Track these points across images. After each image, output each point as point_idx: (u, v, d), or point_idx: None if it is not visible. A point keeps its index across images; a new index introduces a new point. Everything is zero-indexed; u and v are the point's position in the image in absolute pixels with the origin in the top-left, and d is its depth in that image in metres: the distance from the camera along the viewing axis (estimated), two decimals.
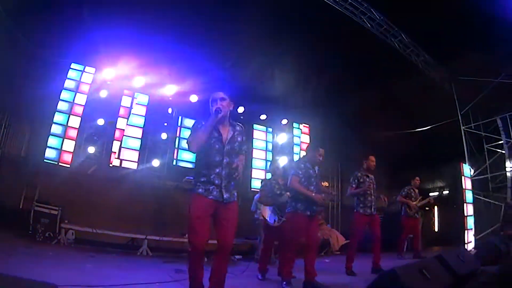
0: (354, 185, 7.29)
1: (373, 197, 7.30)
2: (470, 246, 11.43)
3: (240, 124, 4.20)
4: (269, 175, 8.09)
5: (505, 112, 12.34)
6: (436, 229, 19.94)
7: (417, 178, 10.50)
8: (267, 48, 10.95)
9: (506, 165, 12.38)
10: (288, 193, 6.84)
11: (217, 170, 3.83)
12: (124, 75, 11.04)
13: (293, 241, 5.60)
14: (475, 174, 12.93)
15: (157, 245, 8.52)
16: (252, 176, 13.94)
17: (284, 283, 5.45)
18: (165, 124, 12.43)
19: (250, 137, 14.24)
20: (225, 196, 3.82)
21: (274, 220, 6.53)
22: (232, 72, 10.67)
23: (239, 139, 4.06)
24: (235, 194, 3.98)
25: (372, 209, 7.20)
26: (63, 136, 10.46)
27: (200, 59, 10.56)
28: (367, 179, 7.29)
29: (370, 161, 7.45)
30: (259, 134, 14.91)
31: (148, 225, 10.55)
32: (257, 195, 9.24)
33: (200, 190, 3.79)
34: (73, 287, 3.86)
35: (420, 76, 12.72)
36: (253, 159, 14.26)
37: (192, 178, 6.71)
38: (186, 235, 8.79)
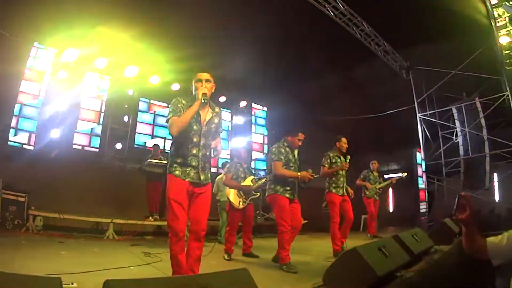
0: (326, 166, 7.21)
1: (344, 178, 7.31)
2: (423, 227, 11.92)
3: (218, 106, 4.14)
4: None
5: (460, 102, 12.94)
6: (391, 210, 20.70)
7: (375, 161, 10.78)
8: (228, 30, 10.98)
9: (460, 152, 12.99)
10: (251, 177, 7.06)
11: (194, 152, 3.79)
12: (86, 57, 10.79)
13: (283, 223, 5.54)
14: (429, 159, 13.43)
15: (122, 228, 8.47)
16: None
17: (284, 266, 5.35)
18: (126, 106, 12.27)
19: None
20: (201, 178, 3.79)
21: (239, 202, 6.72)
22: (192, 54, 10.56)
23: (216, 121, 4.00)
24: (209, 175, 3.94)
25: (344, 190, 7.21)
26: (27, 118, 10.25)
27: (161, 41, 10.46)
28: (339, 160, 7.29)
29: (342, 142, 7.45)
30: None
31: (112, 208, 10.49)
32: (219, 177, 9.39)
33: (176, 172, 3.73)
34: (57, 275, 3.88)
35: (379, 64, 13.08)
36: None
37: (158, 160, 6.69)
38: (150, 217, 8.92)
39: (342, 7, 9.96)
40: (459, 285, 5.32)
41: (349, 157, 7.29)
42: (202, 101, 3.75)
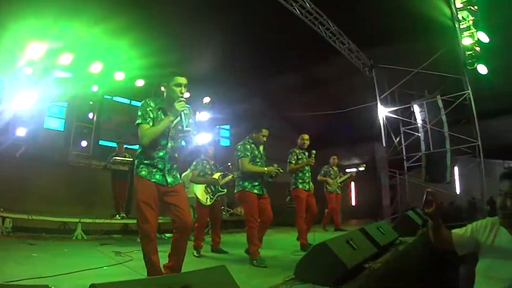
0: (293, 162, 7.37)
1: (310, 173, 7.53)
2: (386, 220, 12.27)
3: (188, 106, 3.94)
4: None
5: (422, 99, 13.33)
6: (353, 203, 21.16)
7: (335, 156, 10.97)
8: (193, 26, 10.93)
9: (421, 147, 13.39)
10: (218, 173, 7.11)
11: (161, 154, 3.75)
12: (50, 52, 10.50)
13: (251, 220, 5.58)
14: (391, 154, 13.78)
15: (90, 228, 8.35)
16: None
17: (254, 261, 5.40)
18: (90, 103, 12.07)
19: None
20: (169, 180, 3.75)
21: (206, 199, 6.76)
22: (156, 50, 10.47)
23: (185, 122, 3.76)
24: (179, 176, 3.91)
25: (310, 185, 7.42)
26: None
27: (127, 37, 10.32)
28: (304, 156, 7.45)
29: (303, 139, 7.61)
30: None
31: (79, 207, 10.34)
32: (185, 173, 9.39)
33: (142, 172, 3.68)
34: (32, 280, 3.81)
35: (344, 61, 13.29)
36: None
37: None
38: (117, 215, 8.83)
39: (309, 6, 10.07)
40: (424, 274, 5.55)
41: (314, 151, 7.44)
42: (181, 118, 3.66)
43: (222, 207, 11.37)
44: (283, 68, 14.45)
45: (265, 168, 5.69)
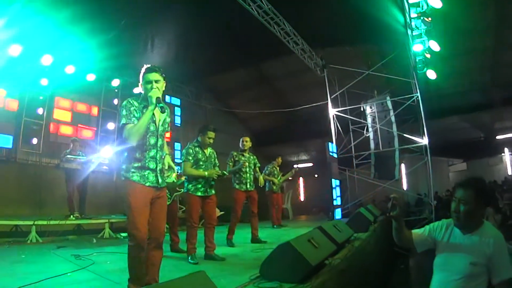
0: (231, 164, 7.69)
1: (249, 174, 7.80)
2: (336, 216, 12.63)
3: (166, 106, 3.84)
4: None
5: (372, 100, 13.82)
6: (302, 199, 21.59)
7: (279, 157, 11.18)
8: (146, 20, 10.84)
9: (371, 146, 13.87)
10: (175, 173, 7.14)
11: (152, 154, 3.64)
12: None
13: (190, 219, 5.81)
14: (340, 152, 14.18)
15: (43, 229, 8.08)
16: None
17: (189, 257, 5.64)
18: (41, 97, 11.64)
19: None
20: (160, 181, 3.67)
21: None
22: (110, 44, 10.29)
23: (168, 120, 3.89)
24: (164, 177, 3.80)
25: (248, 185, 7.68)
26: None
27: (79, 30, 10.06)
28: (243, 158, 7.71)
29: (243, 141, 7.82)
30: None
31: (31, 208, 10.09)
32: None
33: (135, 177, 3.53)
34: None
35: (296, 60, 13.55)
36: None
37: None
38: (71, 216, 8.61)
39: (266, 6, 10.19)
40: (378, 266, 5.84)
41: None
42: (158, 107, 3.57)
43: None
44: (234, 64, 14.55)
45: (206, 172, 5.84)
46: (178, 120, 16.13)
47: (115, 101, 13.65)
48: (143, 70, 3.72)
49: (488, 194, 2.97)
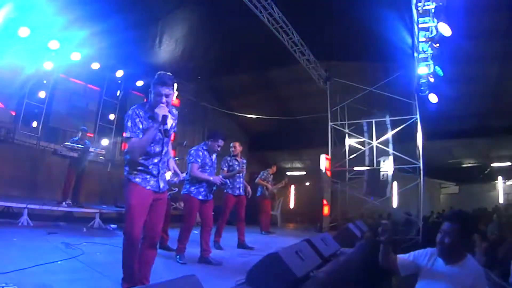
0: (225, 169, 7.76)
1: (241, 179, 7.96)
2: (325, 229, 12.73)
3: (175, 108, 3.95)
4: None
5: (371, 117, 13.93)
6: (292, 207, 21.63)
7: (275, 166, 11.38)
8: (157, 16, 10.87)
9: (365, 162, 13.98)
10: (170, 172, 7.20)
11: (156, 161, 3.70)
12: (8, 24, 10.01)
13: (188, 221, 5.86)
14: (335, 165, 14.27)
15: (35, 212, 8.09)
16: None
17: (178, 256, 5.71)
18: (44, 81, 11.66)
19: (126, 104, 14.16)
20: (161, 186, 3.73)
21: None
22: (114, 33, 10.29)
23: (173, 124, 3.91)
24: (166, 181, 3.91)
25: (240, 190, 7.86)
26: None
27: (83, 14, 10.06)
28: (236, 163, 7.82)
29: (234, 147, 7.96)
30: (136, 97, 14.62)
31: (23, 189, 10.11)
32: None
33: (137, 179, 3.59)
34: None
35: (300, 70, 13.68)
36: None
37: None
38: (64, 203, 8.64)
39: (277, 15, 10.30)
40: (362, 283, 5.94)
41: (245, 161, 7.91)
42: (162, 128, 3.62)
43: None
44: (238, 67, 14.62)
45: (211, 178, 5.91)
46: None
47: (117, 92, 13.72)
48: (156, 78, 3.67)
49: (473, 229, 3.12)
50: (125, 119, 3.62)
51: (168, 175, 6.94)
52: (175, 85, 3.77)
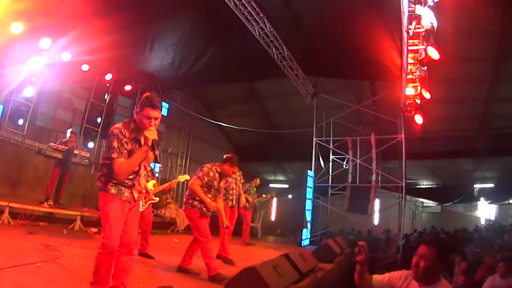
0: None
1: (235, 191, 8.07)
2: (304, 243, 12.78)
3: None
4: None
5: (356, 134, 14.08)
6: (273, 219, 21.66)
7: (258, 179, 11.49)
8: (149, 21, 10.85)
9: (348, 179, 14.08)
10: (153, 181, 7.21)
11: (131, 177, 3.74)
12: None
13: (205, 235, 5.66)
14: (318, 180, 14.33)
15: (16, 211, 7.96)
16: None
17: (216, 275, 5.50)
18: (34, 80, 11.54)
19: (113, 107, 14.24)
20: (135, 197, 3.80)
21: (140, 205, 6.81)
22: (105, 36, 10.24)
23: (151, 151, 3.76)
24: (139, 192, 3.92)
25: (233, 202, 8.01)
26: None
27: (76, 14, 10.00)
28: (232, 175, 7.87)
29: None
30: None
31: (4, 186, 10.06)
32: None
33: (112, 191, 3.61)
34: None
35: (287, 84, 13.82)
36: None
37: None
38: (45, 203, 8.57)
39: (268, 29, 10.38)
40: None
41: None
42: (151, 150, 3.65)
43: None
44: (227, 77, 14.63)
45: (208, 200, 5.72)
46: (163, 124, 16.17)
47: (105, 95, 13.69)
48: (146, 100, 3.71)
49: (448, 254, 3.21)
50: (109, 137, 3.62)
51: (150, 184, 7.01)
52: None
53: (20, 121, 11.11)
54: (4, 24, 9.67)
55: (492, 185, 20.75)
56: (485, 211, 22.34)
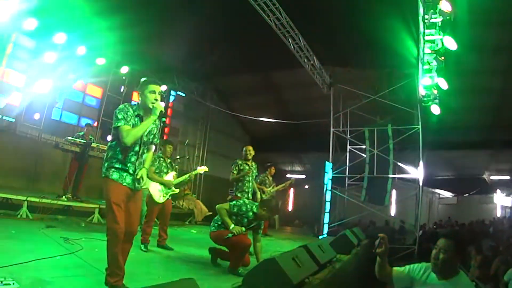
0: (235, 172, 7.83)
1: (251, 183, 8.00)
2: (323, 234, 12.77)
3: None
4: None
5: (373, 125, 13.97)
6: (290, 209, 21.66)
7: (273, 168, 11.32)
8: (164, 13, 10.86)
9: (365, 169, 14.00)
10: (173, 172, 7.27)
11: (133, 159, 3.90)
12: (14, 15, 9.95)
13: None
14: (335, 171, 14.29)
15: (34, 204, 8.02)
16: None
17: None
18: (49, 75, 11.61)
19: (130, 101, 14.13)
20: (136, 185, 3.93)
21: (159, 196, 6.86)
22: (120, 30, 10.25)
23: (155, 131, 4.13)
24: (142, 182, 4.04)
25: (249, 194, 7.89)
26: None
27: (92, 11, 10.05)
28: (247, 167, 7.87)
29: (247, 151, 7.99)
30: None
31: (23, 180, 10.19)
32: None
33: (114, 176, 3.80)
34: None
35: (304, 74, 13.68)
36: None
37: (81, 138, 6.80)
38: (63, 196, 8.66)
39: (284, 20, 10.31)
40: None
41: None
42: (159, 120, 4.00)
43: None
44: (244, 68, 14.65)
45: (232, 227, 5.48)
46: (180, 115, 16.24)
47: (121, 88, 13.75)
48: (143, 81, 4.04)
49: (466, 248, 3.20)
50: (115, 114, 3.87)
51: (170, 176, 7.06)
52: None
53: (37, 116, 11.19)
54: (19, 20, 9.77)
55: (508, 177, 20.51)
56: (501, 203, 22.05)
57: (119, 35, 10.47)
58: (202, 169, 7.84)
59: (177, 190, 7.30)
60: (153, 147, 4.25)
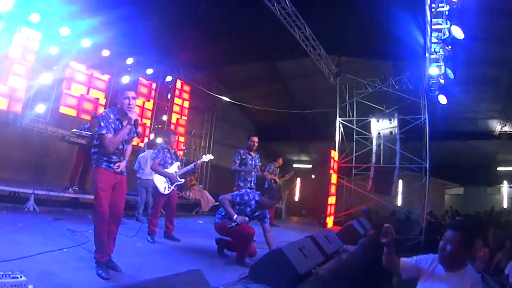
0: (237, 162, 7.88)
1: (253, 173, 8.00)
2: (329, 224, 12.77)
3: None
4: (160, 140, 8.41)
5: (380, 115, 13.92)
6: (297, 199, 21.67)
7: (280, 158, 11.46)
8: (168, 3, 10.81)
9: (372, 159, 13.95)
10: (178, 163, 7.25)
11: (116, 151, 4.43)
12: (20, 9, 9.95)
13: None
14: (341, 160, 14.29)
15: (41, 197, 8.11)
16: None
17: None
18: (54, 68, 11.62)
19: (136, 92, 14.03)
20: (120, 170, 4.49)
21: (164, 188, 6.85)
22: (124, 21, 10.22)
23: (133, 129, 4.55)
24: (124, 168, 4.62)
25: (252, 184, 7.89)
26: None
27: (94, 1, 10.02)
28: (249, 157, 7.89)
29: (251, 141, 8.00)
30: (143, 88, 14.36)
31: (30, 173, 10.22)
32: (142, 154, 9.52)
33: (103, 165, 4.38)
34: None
35: (310, 64, 13.69)
36: None
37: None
38: (70, 189, 8.70)
39: (289, 9, 10.24)
40: (362, 280, 5.99)
41: (257, 155, 8.01)
42: (134, 128, 4.50)
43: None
44: (249, 58, 14.60)
45: (234, 216, 5.59)
46: (186, 105, 16.18)
47: (127, 79, 13.71)
48: (122, 89, 4.71)
49: (475, 239, 3.17)
50: (98, 119, 4.47)
51: (175, 166, 7.06)
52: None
53: (41, 108, 11.17)
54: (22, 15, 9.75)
55: None
56: (508, 194, 21.94)
57: (123, 27, 10.44)
58: (207, 157, 7.85)
59: (183, 180, 7.29)
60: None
